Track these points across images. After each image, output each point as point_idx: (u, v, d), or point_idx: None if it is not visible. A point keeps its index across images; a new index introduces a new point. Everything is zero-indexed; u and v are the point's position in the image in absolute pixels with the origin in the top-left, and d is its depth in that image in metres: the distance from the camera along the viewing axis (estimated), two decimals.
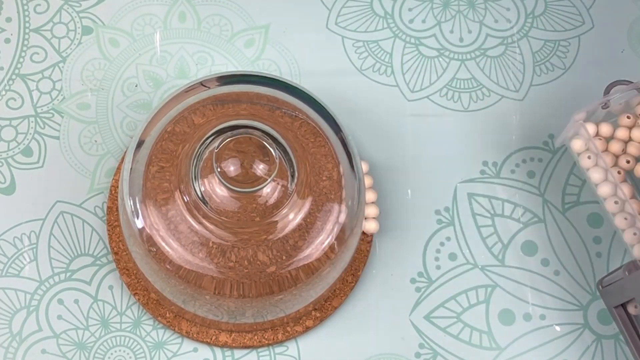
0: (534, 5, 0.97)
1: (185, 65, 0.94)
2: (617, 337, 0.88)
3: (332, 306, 0.88)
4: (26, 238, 0.89)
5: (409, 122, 0.93)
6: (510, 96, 0.94)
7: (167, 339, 0.87)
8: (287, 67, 0.94)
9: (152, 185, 0.80)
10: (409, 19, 0.96)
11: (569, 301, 0.89)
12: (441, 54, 0.95)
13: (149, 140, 0.82)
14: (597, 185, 0.85)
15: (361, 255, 0.88)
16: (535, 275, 0.90)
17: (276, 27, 0.96)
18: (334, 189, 0.82)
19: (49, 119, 0.92)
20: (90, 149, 0.92)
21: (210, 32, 0.95)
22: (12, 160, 0.91)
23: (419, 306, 0.89)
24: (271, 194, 0.79)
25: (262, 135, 0.78)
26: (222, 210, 0.78)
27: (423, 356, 0.88)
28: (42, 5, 0.95)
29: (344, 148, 0.83)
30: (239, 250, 0.79)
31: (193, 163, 0.79)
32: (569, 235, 0.91)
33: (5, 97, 0.92)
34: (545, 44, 0.96)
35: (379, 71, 0.95)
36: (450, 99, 0.94)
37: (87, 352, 0.87)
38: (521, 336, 0.89)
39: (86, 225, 0.90)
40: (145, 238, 0.80)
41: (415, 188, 0.91)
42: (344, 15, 0.96)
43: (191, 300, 0.83)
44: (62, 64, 0.94)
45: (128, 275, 0.87)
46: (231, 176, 0.77)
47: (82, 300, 0.88)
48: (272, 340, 0.87)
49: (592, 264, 0.90)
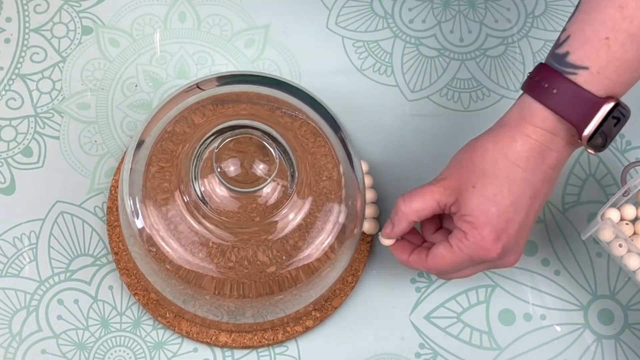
0: (534, 5, 0.97)
1: (185, 65, 0.94)
2: (617, 337, 0.88)
3: (332, 306, 0.88)
4: (26, 238, 0.89)
5: (409, 122, 0.93)
6: (510, 96, 0.94)
7: (167, 339, 0.87)
8: (287, 67, 0.94)
9: (152, 185, 0.80)
10: (409, 19, 0.96)
11: (569, 301, 0.89)
12: (441, 54, 0.95)
13: (149, 140, 0.82)
14: (635, 271, 0.84)
15: (361, 255, 0.88)
16: (535, 275, 0.90)
17: (276, 27, 0.96)
18: (334, 189, 0.82)
19: (49, 119, 0.92)
20: (90, 149, 0.92)
21: (210, 32, 0.95)
22: (12, 160, 0.91)
23: (419, 306, 0.89)
24: (271, 194, 0.79)
25: (262, 135, 0.78)
26: (222, 210, 0.78)
27: (423, 356, 0.88)
28: (42, 5, 0.95)
29: (343, 148, 0.83)
30: (239, 251, 0.79)
31: (193, 163, 0.78)
32: (569, 235, 0.91)
33: (5, 97, 0.92)
34: (545, 44, 0.96)
35: (379, 71, 0.95)
36: (450, 99, 0.94)
37: (87, 352, 0.87)
38: (521, 336, 0.88)
39: (86, 225, 0.90)
40: (145, 238, 0.80)
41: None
42: (344, 15, 0.96)
43: (191, 301, 0.83)
44: (62, 64, 0.94)
45: (128, 275, 0.87)
46: (231, 176, 0.77)
47: (82, 300, 0.88)
48: (272, 340, 0.87)
49: (592, 264, 0.90)
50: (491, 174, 0.76)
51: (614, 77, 0.72)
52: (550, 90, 0.73)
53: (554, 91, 0.73)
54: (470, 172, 0.77)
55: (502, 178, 0.75)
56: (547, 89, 0.74)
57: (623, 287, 0.90)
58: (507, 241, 0.77)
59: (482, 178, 0.76)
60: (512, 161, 0.75)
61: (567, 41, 0.73)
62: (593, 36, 0.72)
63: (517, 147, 0.75)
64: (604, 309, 0.89)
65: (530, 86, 0.75)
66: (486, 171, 0.76)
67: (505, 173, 0.75)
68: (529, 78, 0.75)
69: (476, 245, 0.77)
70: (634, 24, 0.71)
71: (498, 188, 0.76)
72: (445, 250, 0.78)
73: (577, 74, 0.73)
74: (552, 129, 0.74)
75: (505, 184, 0.75)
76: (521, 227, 0.77)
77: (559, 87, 0.73)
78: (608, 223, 0.83)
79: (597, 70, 0.72)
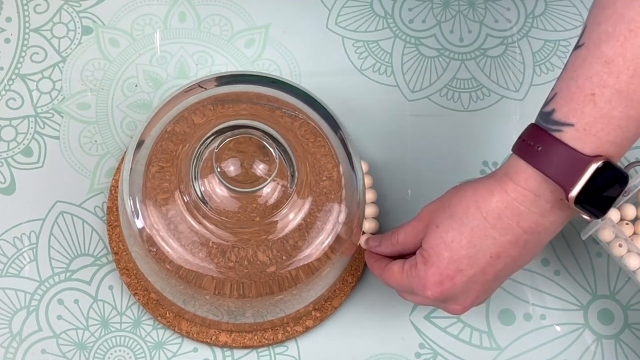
0: (534, 5, 0.97)
1: (185, 65, 0.94)
2: (617, 337, 0.88)
3: (332, 306, 0.88)
4: (26, 238, 0.89)
5: (409, 122, 0.93)
6: (510, 96, 0.94)
7: (167, 339, 0.87)
8: (287, 67, 0.94)
9: (152, 185, 0.80)
10: (409, 19, 0.96)
11: (569, 301, 0.89)
12: (441, 54, 0.95)
13: (149, 140, 0.82)
14: (635, 271, 0.84)
15: (361, 255, 0.88)
16: (535, 275, 0.90)
17: (276, 27, 0.96)
18: (334, 189, 0.82)
19: (49, 119, 0.92)
20: (90, 149, 0.92)
21: (210, 32, 0.95)
22: (12, 160, 0.91)
23: (419, 306, 0.89)
24: (271, 194, 0.79)
25: (262, 135, 0.78)
26: (222, 210, 0.78)
27: (423, 356, 0.88)
28: (42, 5, 0.95)
29: (343, 148, 0.83)
30: (239, 250, 0.79)
31: (193, 163, 0.78)
32: (569, 235, 0.91)
33: (5, 97, 0.92)
34: (545, 44, 0.96)
35: (379, 71, 0.95)
36: (450, 99, 0.94)
37: (87, 352, 0.87)
38: (521, 336, 0.89)
39: (86, 225, 0.90)
40: (145, 238, 0.80)
41: (415, 188, 0.91)
42: (344, 15, 0.96)
43: (191, 300, 0.83)
44: (62, 64, 0.94)
45: (128, 275, 0.87)
46: (231, 176, 0.77)
47: (82, 300, 0.88)
48: (272, 340, 0.87)
49: (592, 264, 0.90)
50: (457, 220, 0.75)
51: (601, 134, 0.69)
52: (535, 148, 0.71)
53: (539, 149, 0.71)
54: (441, 212, 0.76)
55: (466, 227, 0.74)
56: (532, 146, 0.71)
57: (623, 287, 0.90)
58: (451, 289, 0.76)
59: (448, 221, 0.75)
60: (482, 215, 0.74)
61: (553, 99, 0.71)
62: (578, 92, 0.70)
63: (492, 203, 0.73)
64: (604, 309, 0.89)
65: (519, 145, 0.73)
66: (454, 216, 0.75)
67: (472, 224, 0.74)
68: (519, 138, 0.73)
69: (418, 279, 0.76)
70: (621, 80, 0.69)
71: (458, 236, 0.74)
72: (397, 268, 0.79)
73: (563, 130, 0.70)
74: (535, 189, 0.72)
75: (467, 234, 0.74)
76: (472, 281, 0.76)
77: (544, 144, 0.71)
78: (608, 223, 0.83)
79: (583, 127, 0.69)
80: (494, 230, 0.73)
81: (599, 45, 0.69)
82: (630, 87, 0.69)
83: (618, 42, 0.69)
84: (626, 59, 0.69)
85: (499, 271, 0.76)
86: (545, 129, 0.71)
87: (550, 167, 0.70)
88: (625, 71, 0.69)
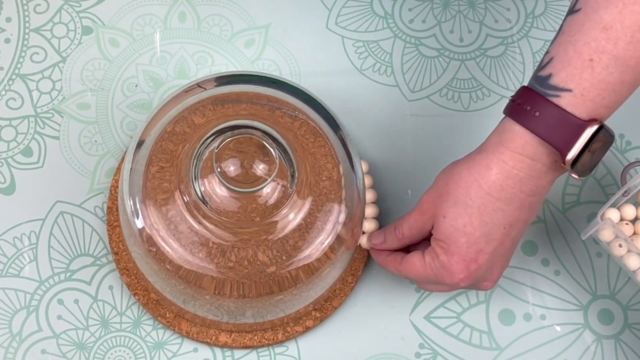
0: (534, 5, 0.97)
1: (185, 65, 0.94)
2: (617, 337, 0.88)
3: (332, 306, 0.88)
4: (26, 238, 0.89)
5: (409, 122, 0.93)
6: (510, 96, 0.94)
7: (167, 339, 0.87)
8: (287, 67, 0.94)
9: (152, 185, 0.80)
10: (409, 19, 0.96)
11: (569, 301, 0.89)
12: (441, 54, 0.95)
13: (149, 140, 0.82)
14: (635, 271, 0.84)
15: (361, 255, 0.88)
16: (535, 275, 0.90)
17: (276, 27, 0.96)
18: (334, 189, 0.82)
19: (49, 119, 0.92)
20: (90, 149, 0.92)
21: (210, 32, 0.95)
22: (12, 160, 0.91)
23: (419, 306, 0.89)
24: (271, 194, 0.79)
25: (262, 135, 0.78)
26: (222, 210, 0.78)
27: (423, 356, 0.88)
28: (42, 5, 0.95)
29: (343, 148, 0.83)
30: (239, 251, 0.79)
31: (193, 163, 0.79)
32: (569, 235, 0.91)
33: (5, 97, 0.92)
34: (545, 44, 0.96)
35: (379, 71, 0.95)
36: (450, 99, 0.94)
37: (87, 352, 0.87)
38: (521, 336, 0.89)
39: (86, 225, 0.90)
40: (145, 238, 0.80)
41: (415, 188, 0.91)
42: (344, 15, 0.96)
43: (191, 300, 0.83)
44: (62, 64, 0.94)
45: (128, 275, 0.87)
46: (231, 176, 0.77)
47: (82, 300, 0.88)
48: (272, 340, 0.87)
49: (592, 264, 0.90)
50: (462, 204, 0.75)
51: (597, 99, 0.71)
52: (533, 113, 0.72)
53: (536, 114, 0.72)
54: (443, 200, 0.76)
55: (473, 209, 0.75)
56: (529, 111, 0.72)
57: (623, 287, 0.90)
58: (477, 270, 0.77)
59: (453, 208, 0.75)
60: (485, 191, 0.74)
61: (550, 63, 0.72)
62: (576, 58, 0.71)
63: (492, 177, 0.74)
64: (604, 309, 0.89)
65: (512, 109, 0.74)
66: (458, 201, 0.75)
67: (477, 203, 0.74)
68: (511, 101, 0.74)
69: (444, 270, 0.77)
70: (619, 46, 0.70)
71: (468, 219, 0.75)
72: (417, 261, 0.79)
73: (560, 96, 0.71)
74: (532, 154, 0.73)
75: (477, 215, 0.75)
76: (494, 255, 0.77)
77: (541, 109, 0.72)
78: (608, 223, 0.83)
79: (581, 93, 0.71)
80: (501, 202, 0.74)
81: (597, 11, 0.70)
82: (627, 53, 0.70)
83: (617, 8, 0.70)
84: (624, 25, 0.70)
85: (514, 237, 0.77)
86: (542, 94, 0.72)
87: (548, 131, 0.72)
88: (623, 37, 0.70)
